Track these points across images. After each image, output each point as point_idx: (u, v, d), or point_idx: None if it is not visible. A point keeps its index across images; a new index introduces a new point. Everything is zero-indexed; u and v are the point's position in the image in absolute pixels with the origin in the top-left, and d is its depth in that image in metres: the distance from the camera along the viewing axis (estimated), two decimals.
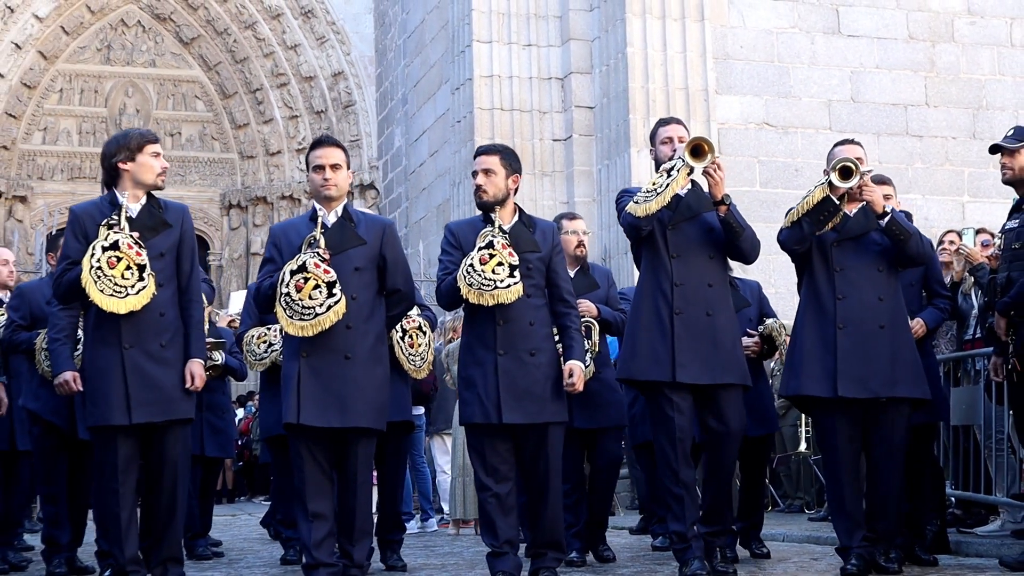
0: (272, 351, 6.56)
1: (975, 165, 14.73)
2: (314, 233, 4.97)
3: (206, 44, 20.65)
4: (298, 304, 4.84)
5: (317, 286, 4.83)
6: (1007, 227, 5.80)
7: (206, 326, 6.03)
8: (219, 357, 7.07)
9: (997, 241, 6.19)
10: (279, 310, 4.91)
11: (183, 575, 5.06)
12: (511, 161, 5.26)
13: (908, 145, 14.80)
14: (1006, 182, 5.81)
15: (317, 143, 5.20)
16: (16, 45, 19.57)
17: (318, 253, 4.89)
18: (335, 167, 5.09)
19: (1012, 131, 5.81)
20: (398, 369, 6.14)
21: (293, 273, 4.87)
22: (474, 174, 5.24)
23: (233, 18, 20.35)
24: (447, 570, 6.28)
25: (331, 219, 5.08)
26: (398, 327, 6.15)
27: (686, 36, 14.24)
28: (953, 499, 7.33)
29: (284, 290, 4.87)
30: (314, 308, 4.83)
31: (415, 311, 6.35)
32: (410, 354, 6.27)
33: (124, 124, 20.22)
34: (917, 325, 5.76)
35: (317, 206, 5.12)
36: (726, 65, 14.54)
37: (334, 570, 4.93)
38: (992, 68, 15.48)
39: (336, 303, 4.84)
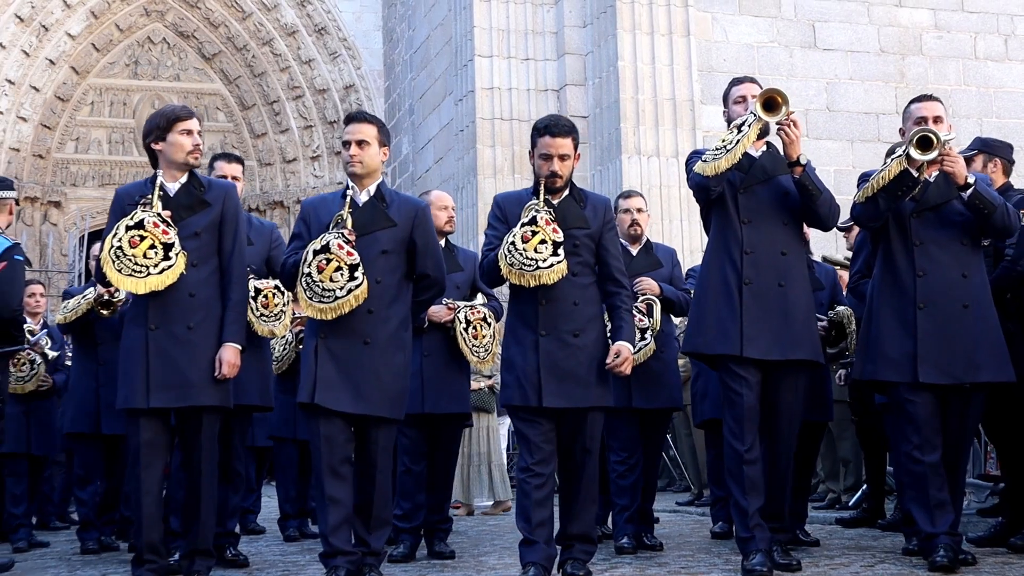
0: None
1: None
2: (342, 212, 4.40)
3: (226, 59, 20.60)
4: (319, 285, 4.28)
5: (339, 268, 4.27)
6: None
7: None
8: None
9: None
10: (299, 290, 4.35)
11: (211, 568, 4.50)
12: (578, 140, 4.53)
13: (880, 151, 14.57)
14: None
15: (349, 119, 4.54)
16: (50, 61, 19.53)
17: (343, 234, 4.32)
18: (362, 143, 4.46)
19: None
20: (459, 360, 5.60)
21: (316, 253, 4.31)
22: (547, 158, 4.41)
23: (252, 35, 20.31)
24: None
25: (363, 198, 4.48)
26: (462, 318, 5.53)
27: (673, 50, 14.23)
28: None
29: (306, 270, 4.31)
30: (334, 291, 4.26)
31: (479, 300, 5.72)
32: (474, 346, 5.56)
33: None
34: None
35: (350, 183, 4.51)
36: (710, 77, 14.50)
37: (352, 558, 4.29)
38: (958, 79, 15.47)
39: (357, 287, 4.28)
